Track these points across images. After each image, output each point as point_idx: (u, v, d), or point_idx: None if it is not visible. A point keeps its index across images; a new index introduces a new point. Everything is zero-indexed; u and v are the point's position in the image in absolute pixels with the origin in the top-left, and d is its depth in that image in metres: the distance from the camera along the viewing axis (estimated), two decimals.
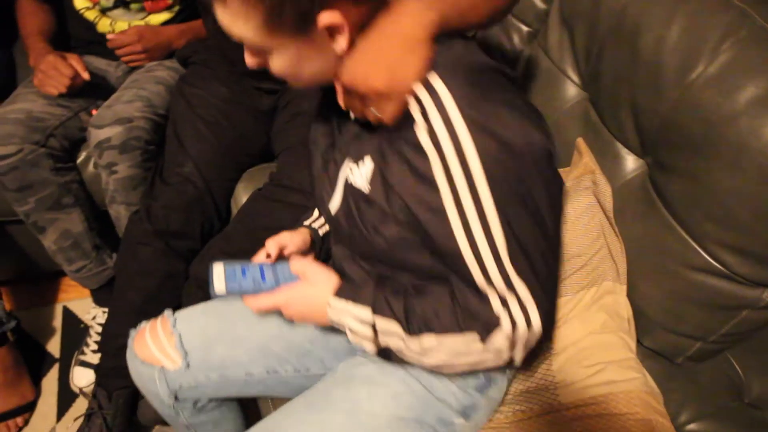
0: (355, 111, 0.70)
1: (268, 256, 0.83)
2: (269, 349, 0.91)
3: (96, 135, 1.18)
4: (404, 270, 0.75)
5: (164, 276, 1.16)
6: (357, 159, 0.73)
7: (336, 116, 0.82)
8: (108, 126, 1.18)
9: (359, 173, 0.72)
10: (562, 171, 1.11)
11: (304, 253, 0.90)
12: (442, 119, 0.62)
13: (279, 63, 0.68)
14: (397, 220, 0.69)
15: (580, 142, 1.10)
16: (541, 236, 0.66)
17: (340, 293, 0.74)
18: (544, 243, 0.66)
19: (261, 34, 0.64)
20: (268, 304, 0.77)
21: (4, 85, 1.50)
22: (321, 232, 0.94)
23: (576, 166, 1.08)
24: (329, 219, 0.83)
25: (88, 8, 1.36)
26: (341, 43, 0.65)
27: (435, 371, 0.78)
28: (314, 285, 0.76)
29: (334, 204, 0.80)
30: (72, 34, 1.43)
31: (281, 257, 0.85)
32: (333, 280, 0.76)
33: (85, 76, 1.25)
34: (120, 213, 1.26)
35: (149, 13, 1.37)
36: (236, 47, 0.71)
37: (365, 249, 0.77)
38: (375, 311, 0.70)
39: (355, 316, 0.72)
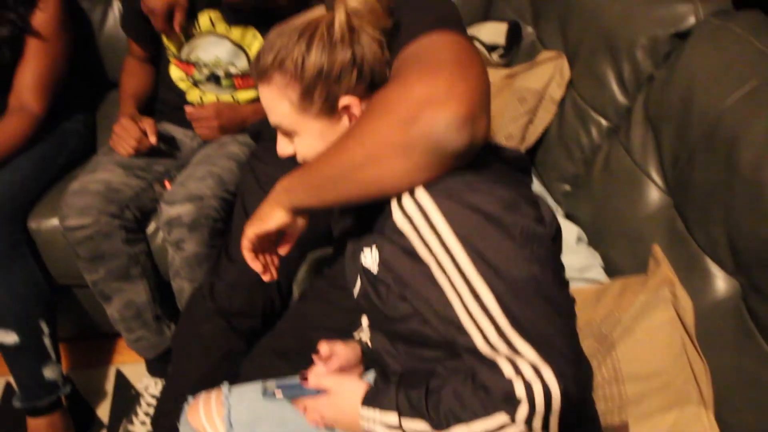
0: None
1: (319, 356, 0.87)
2: None
3: (167, 212, 1.20)
4: (423, 345, 0.77)
5: (224, 354, 1.15)
6: (370, 244, 0.78)
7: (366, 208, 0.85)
8: (179, 203, 1.19)
9: (370, 255, 0.77)
10: (636, 279, 1.05)
11: (352, 367, 0.92)
12: (413, 202, 0.68)
13: (304, 143, 0.80)
14: (402, 296, 0.73)
15: (657, 249, 1.04)
16: (536, 295, 0.66)
17: (367, 401, 0.77)
18: (541, 302, 0.66)
19: (293, 113, 0.78)
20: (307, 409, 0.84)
21: (85, 146, 1.55)
22: (371, 344, 0.92)
23: (653, 274, 1.02)
24: (355, 301, 0.86)
25: (182, 79, 1.41)
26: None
27: None
28: (342, 396, 0.81)
29: (357, 288, 0.83)
30: (160, 98, 1.49)
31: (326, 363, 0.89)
32: (360, 389, 0.79)
33: (152, 140, 1.29)
34: (183, 287, 1.26)
35: (238, 90, 1.40)
36: None
37: (385, 327, 0.81)
38: (401, 414, 0.72)
39: (383, 422, 0.74)
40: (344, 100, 0.76)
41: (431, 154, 0.67)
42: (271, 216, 0.83)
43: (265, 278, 0.90)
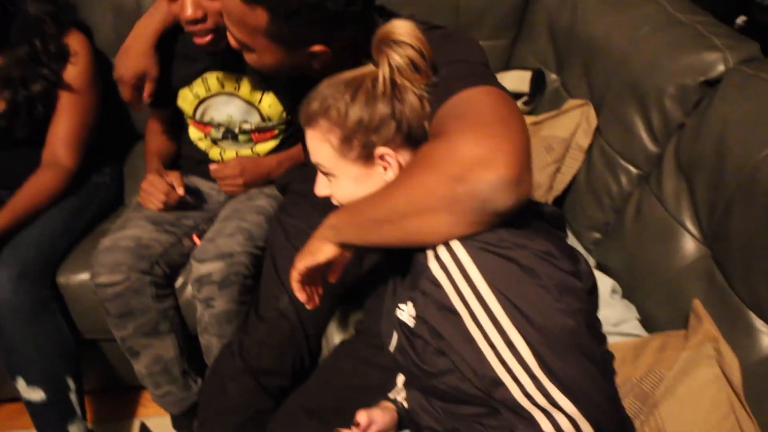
0: None
1: (357, 425, 0.86)
2: None
3: (197, 269, 1.19)
4: (461, 402, 0.76)
5: (252, 413, 1.12)
6: (405, 299, 0.79)
7: (397, 262, 0.88)
8: (210, 261, 1.19)
9: (407, 309, 0.78)
10: (676, 334, 1.02)
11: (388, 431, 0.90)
12: (449, 254, 0.70)
13: (341, 186, 0.85)
14: (439, 351, 0.73)
15: (698, 305, 1.01)
16: (573, 348, 0.66)
17: None
18: (578, 356, 0.67)
19: (333, 155, 0.82)
20: None
21: (113, 198, 1.57)
22: (406, 405, 0.91)
23: (695, 331, 0.99)
24: (391, 356, 0.86)
25: (200, 139, 1.43)
26: (389, 174, 0.81)
27: None
28: None
29: (393, 343, 0.84)
30: (184, 154, 1.50)
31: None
32: None
33: (180, 191, 1.30)
34: (211, 343, 1.24)
35: (256, 143, 1.41)
36: None
37: (422, 383, 0.81)
38: None
39: None
40: (380, 150, 0.80)
41: (476, 212, 0.69)
42: (321, 250, 0.86)
43: (309, 306, 0.94)
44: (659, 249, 1.13)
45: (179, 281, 1.34)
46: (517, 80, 1.55)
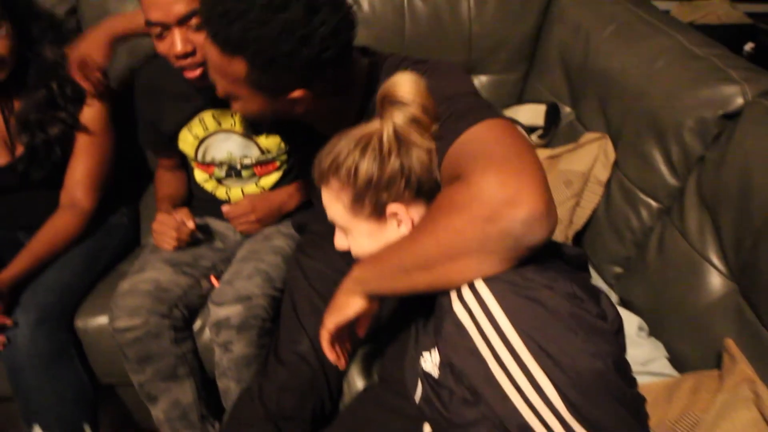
0: None
1: None
2: None
3: (216, 313, 1.18)
4: None
5: None
6: (429, 347, 0.78)
7: (420, 310, 0.87)
8: (228, 304, 1.18)
9: (430, 359, 0.77)
10: (709, 374, 0.99)
11: None
12: (474, 296, 0.69)
13: (356, 241, 0.86)
14: (465, 400, 0.71)
15: (732, 345, 0.98)
16: (602, 391, 0.65)
17: None
18: (608, 398, 0.66)
19: (347, 214, 0.84)
20: None
21: (130, 238, 1.57)
22: None
23: (730, 372, 0.96)
24: (416, 406, 0.83)
25: (206, 180, 1.43)
26: (403, 229, 0.82)
27: None
28: None
29: (418, 393, 0.82)
30: (195, 196, 1.50)
31: None
32: None
33: (190, 224, 1.30)
34: (230, 387, 1.22)
35: (260, 177, 1.41)
36: None
37: None
38: None
39: None
40: (392, 207, 0.81)
41: (509, 249, 0.69)
42: (348, 304, 0.86)
43: (341, 366, 0.95)
44: (684, 284, 1.11)
45: (197, 324, 1.32)
46: (531, 114, 1.55)
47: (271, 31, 0.85)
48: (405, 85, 0.80)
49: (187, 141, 1.35)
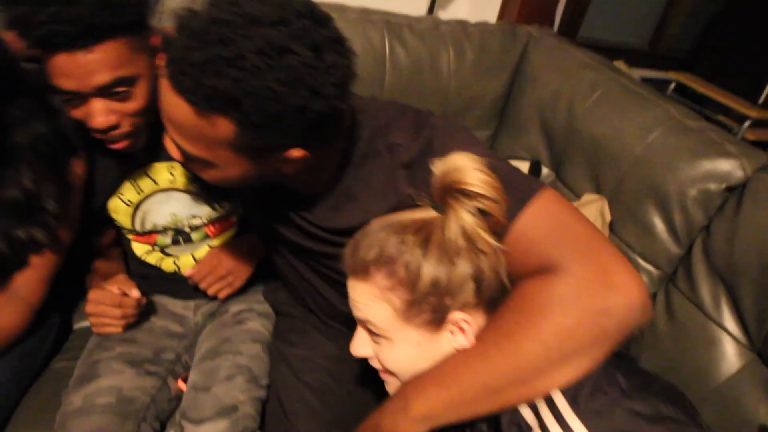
0: None
1: None
2: None
3: None
4: None
5: None
6: None
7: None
8: (210, 421, 0.96)
9: None
10: None
11: None
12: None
13: (396, 352, 0.72)
14: None
15: None
16: None
17: None
18: None
19: (394, 318, 0.70)
20: None
21: (64, 327, 1.22)
22: None
23: None
24: None
25: (148, 252, 1.19)
26: (459, 340, 0.70)
27: None
28: None
29: None
30: (135, 273, 1.21)
31: None
32: None
33: (134, 294, 1.05)
34: None
35: (214, 237, 1.20)
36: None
37: None
38: None
39: None
40: (456, 315, 0.70)
41: (618, 342, 0.65)
42: None
43: None
44: (701, 355, 1.12)
45: None
46: None
47: (272, 82, 0.65)
48: (473, 174, 0.69)
49: (119, 210, 1.12)
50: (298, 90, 0.66)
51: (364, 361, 0.92)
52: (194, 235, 1.18)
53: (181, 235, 1.17)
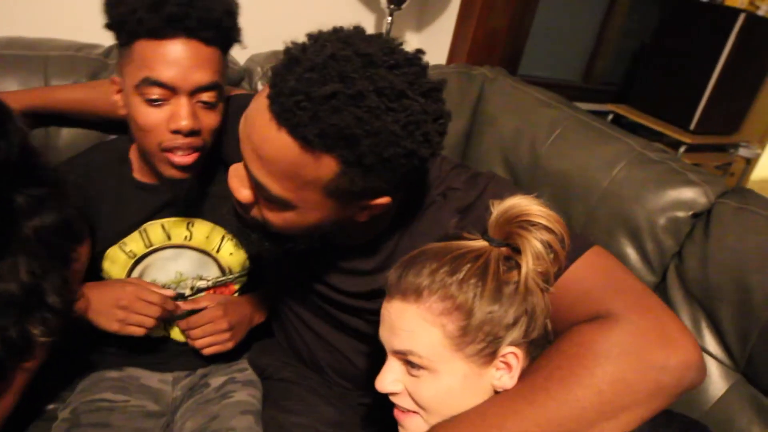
0: None
1: None
2: None
3: None
4: None
5: None
6: None
7: None
8: None
9: None
10: None
11: None
12: None
13: (437, 385, 0.68)
14: None
15: None
16: None
17: None
18: None
19: (442, 346, 0.67)
20: None
21: None
22: None
23: None
24: None
25: None
26: (504, 379, 0.69)
27: None
28: None
29: None
30: (115, 340, 1.09)
31: None
32: None
33: (168, 292, 1.06)
34: None
35: None
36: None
37: None
38: None
39: None
40: (508, 350, 0.69)
41: (671, 400, 0.64)
42: None
43: None
44: None
45: None
46: None
47: (392, 125, 0.63)
48: (534, 207, 0.70)
49: (117, 261, 1.06)
50: (414, 135, 0.66)
51: (366, 426, 0.88)
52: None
53: (180, 298, 1.11)
